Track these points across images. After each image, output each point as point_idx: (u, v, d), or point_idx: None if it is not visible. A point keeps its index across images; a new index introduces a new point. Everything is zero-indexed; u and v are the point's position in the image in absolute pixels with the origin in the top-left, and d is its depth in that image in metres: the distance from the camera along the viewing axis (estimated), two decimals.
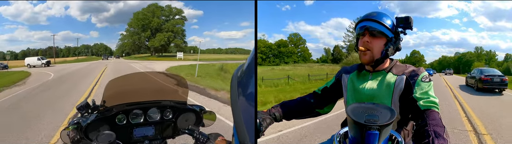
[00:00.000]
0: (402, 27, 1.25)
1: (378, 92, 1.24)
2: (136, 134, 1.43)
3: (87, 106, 1.38)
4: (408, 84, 1.20)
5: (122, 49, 49.11)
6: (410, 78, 1.21)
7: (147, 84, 1.61)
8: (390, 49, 1.23)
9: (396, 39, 1.25)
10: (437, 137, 0.99)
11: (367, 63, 1.26)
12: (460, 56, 46.35)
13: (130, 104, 1.46)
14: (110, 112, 1.40)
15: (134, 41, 47.16)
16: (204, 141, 1.39)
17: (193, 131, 1.43)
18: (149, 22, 45.49)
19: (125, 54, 49.07)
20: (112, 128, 1.37)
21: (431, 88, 1.19)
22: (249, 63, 0.87)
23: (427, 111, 1.11)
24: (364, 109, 0.80)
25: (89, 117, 1.36)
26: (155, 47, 46.19)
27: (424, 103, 1.14)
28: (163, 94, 1.56)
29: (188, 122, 1.55)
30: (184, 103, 1.57)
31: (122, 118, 1.42)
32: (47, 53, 51.05)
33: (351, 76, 1.35)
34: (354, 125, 0.78)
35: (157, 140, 1.47)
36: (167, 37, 45.57)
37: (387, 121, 0.75)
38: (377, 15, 1.24)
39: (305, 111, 1.41)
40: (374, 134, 0.76)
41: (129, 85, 1.54)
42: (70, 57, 48.00)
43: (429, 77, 1.22)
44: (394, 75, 1.24)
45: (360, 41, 1.26)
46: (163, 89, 1.58)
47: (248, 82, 0.82)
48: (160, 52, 48.14)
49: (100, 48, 54.05)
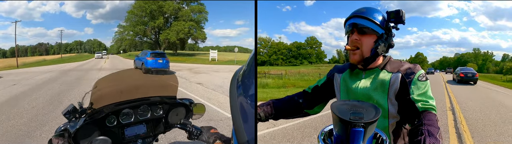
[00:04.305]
0: (393, 21, 1.19)
1: (372, 91, 1.19)
2: (128, 134, 1.39)
3: (74, 110, 1.30)
4: (404, 83, 1.15)
5: (118, 45, 37.63)
6: (406, 76, 1.16)
7: (135, 81, 1.53)
8: (380, 47, 1.17)
9: (387, 35, 1.19)
10: (429, 136, 1.00)
11: (357, 63, 1.20)
12: (459, 56, 47.40)
13: (119, 104, 1.39)
14: (99, 114, 1.32)
15: (138, 33, 34.15)
16: (197, 134, 1.39)
17: (185, 125, 1.41)
18: (160, 6, 32.23)
19: (122, 51, 40.82)
20: (102, 131, 1.31)
21: (429, 88, 1.16)
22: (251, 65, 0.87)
23: (425, 113, 1.10)
24: (349, 107, 0.79)
25: (77, 122, 1.27)
26: (170, 41, 33.20)
27: (422, 105, 1.12)
28: (152, 90, 1.50)
29: (179, 116, 1.55)
30: (173, 97, 1.54)
31: (112, 119, 1.36)
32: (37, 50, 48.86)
33: (343, 76, 1.30)
34: (339, 123, 0.78)
35: (149, 137, 1.46)
36: (188, 27, 32.46)
37: (372, 119, 0.75)
38: (366, 11, 1.19)
39: (294, 111, 1.37)
40: (359, 132, 0.76)
41: (117, 84, 1.45)
42: (51, 55, 41.31)
43: (426, 75, 1.18)
44: (388, 72, 1.19)
45: (349, 40, 1.21)
46: (151, 85, 1.52)
47: (251, 85, 0.81)
48: (174, 48, 35.47)
49: (93, 45, 51.83)
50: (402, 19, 1.17)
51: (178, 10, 33.26)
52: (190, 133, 1.39)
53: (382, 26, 1.18)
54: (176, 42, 33.62)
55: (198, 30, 33.95)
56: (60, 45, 47.60)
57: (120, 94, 1.41)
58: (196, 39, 34.78)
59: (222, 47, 58.16)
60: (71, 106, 1.31)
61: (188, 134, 1.40)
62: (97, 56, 34.32)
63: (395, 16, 1.17)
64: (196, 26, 33.66)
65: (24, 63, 24.88)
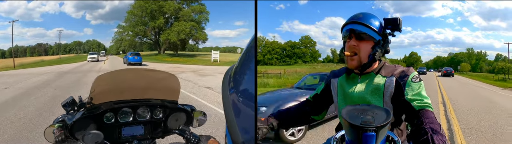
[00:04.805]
0: (390, 28, 1.21)
1: (368, 95, 1.21)
2: (125, 134, 1.39)
3: (73, 103, 1.32)
4: (399, 86, 1.18)
5: (118, 46, 37.19)
6: (400, 79, 1.18)
7: (137, 81, 1.50)
8: (377, 53, 1.19)
9: (384, 41, 1.21)
10: (435, 134, 1.00)
11: (354, 68, 1.22)
12: (452, 56, 48.07)
13: (118, 102, 1.39)
14: (97, 110, 1.33)
15: (137, 34, 33.84)
16: (195, 142, 1.36)
17: (184, 132, 1.37)
18: (161, 6, 32.10)
19: (121, 51, 38.69)
20: (99, 127, 1.31)
21: (423, 88, 1.17)
22: (243, 61, 0.85)
23: (422, 111, 1.11)
24: (358, 111, 0.79)
25: (75, 115, 1.30)
26: (171, 42, 32.81)
27: (417, 103, 1.13)
28: (153, 92, 1.49)
29: (179, 122, 1.52)
30: (175, 102, 1.52)
31: (111, 117, 1.37)
32: (36, 51, 48.94)
33: (340, 80, 1.32)
34: (350, 128, 0.77)
35: (146, 140, 1.43)
36: (189, 28, 32.01)
37: (383, 122, 0.75)
38: (363, 17, 1.20)
39: (302, 119, 1.41)
40: (371, 136, 0.75)
41: (118, 82, 1.45)
42: (50, 56, 40.16)
43: (419, 77, 1.19)
44: (383, 77, 1.21)
45: (346, 45, 1.23)
46: (154, 87, 1.50)
47: (242, 81, 0.79)
48: (174, 49, 35.12)
49: (92, 45, 52.07)
50: (399, 27, 1.20)
51: (179, 10, 32.95)
52: (187, 140, 1.36)
53: (379, 32, 1.20)
54: (177, 43, 33.48)
55: (199, 30, 33.90)
56: (59, 45, 47.81)
57: (120, 93, 1.42)
58: (197, 40, 34.78)
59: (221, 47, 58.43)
60: (70, 98, 1.33)
61: (185, 141, 1.37)
62: (91, 59, 26.76)
63: (392, 24, 1.20)
64: (197, 27, 33.56)
65: (22, 64, 24.63)
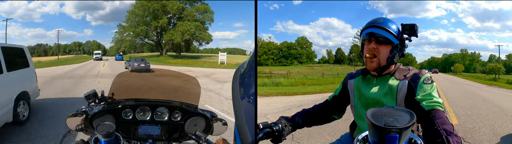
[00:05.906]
0: (407, 34, 1.26)
1: (382, 97, 1.26)
2: (141, 132, 1.39)
3: (95, 95, 1.39)
4: (411, 88, 1.21)
5: (118, 46, 35.66)
6: (412, 82, 1.22)
7: (158, 82, 1.54)
8: (395, 56, 1.25)
9: (401, 45, 1.26)
10: (449, 135, 1.01)
11: (373, 70, 1.27)
12: (446, 57, 48.69)
13: (139, 100, 1.43)
14: (117, 104, 1.37)
15: (139, 34, 32.15)
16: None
17: (199, 138, 1.36)
18: (164, 5, 30.42)
19: (121, 52, 37.22)
20: (117, 121, 1.36)
21: (434, 89, 1.20)
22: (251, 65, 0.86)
23: (432, 111, 1.12)
24: (383, 113, 0.81)
25: (96, 107, 1.37)
26: (174, 43, 31.28)
27: (427, 103, 1.15)
28: (174, 94, 1.51)
29: (197, 127, 1.46)
30: (195, 106, 1.51)
31: (129, 113, 1.39)
32: (35, 51, 49.00)
33: (356, 81, 1.38)
34: (373, 129, 0.79)
35: (161, 141, 1.41)
36: (194, 28, 30.51)
37: (407, 124, 0.77)
38: (383, 22, 1.25)
39: (324, 118, 1.48)
40: (394, 137, 0.77)
41: (140, 81, 1.50)
42: (48, 57, 38.53)
43: (431, 78, 1.23)
44: (396, 79, 1.25)
45: (365, 48, 1.28)
46: (175, 90, 1.52)
47: (251, 82, 0.80)
48: (178, 51, 33.59)
49: (92, 46, 52.32)
50: (416, 32, 1.24)
51: (182, 9, 31.53)
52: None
53: (398, 37, 1.24)
54: (181, 44, 32.11)
55: (203, 31, 32.46)
56: (59, 46, 48.00)
57: (140, 91, 1.44)
58: (201, 41, 33.39)
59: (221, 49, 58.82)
60: (93, 91, 1.40)
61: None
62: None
63: (410, 29, 1.24)
64: (202, 27, 32.13)
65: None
